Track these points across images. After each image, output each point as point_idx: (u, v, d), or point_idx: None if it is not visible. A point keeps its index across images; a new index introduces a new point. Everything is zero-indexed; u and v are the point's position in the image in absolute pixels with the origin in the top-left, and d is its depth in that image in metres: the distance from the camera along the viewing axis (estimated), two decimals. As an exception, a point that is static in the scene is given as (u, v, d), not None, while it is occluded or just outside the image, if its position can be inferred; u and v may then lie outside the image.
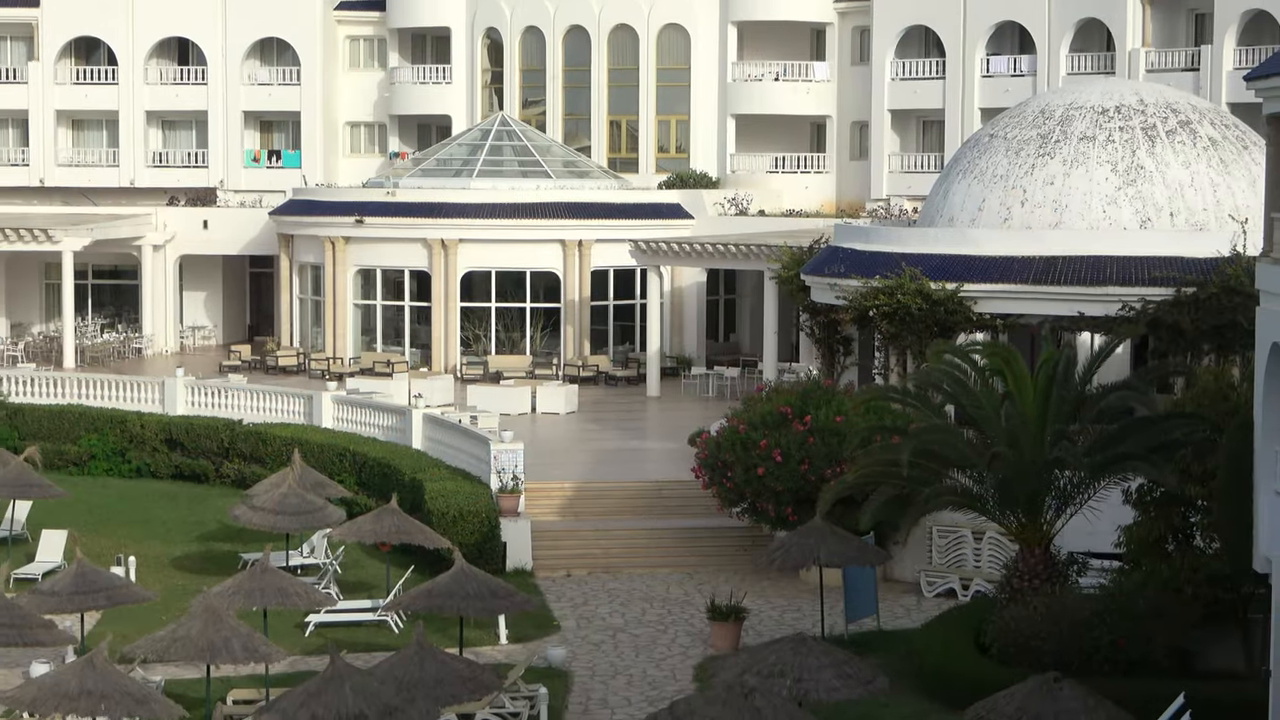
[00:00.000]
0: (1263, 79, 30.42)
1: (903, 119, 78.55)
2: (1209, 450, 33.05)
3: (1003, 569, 37.27)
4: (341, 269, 66.91)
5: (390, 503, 41.39)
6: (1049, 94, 56.85)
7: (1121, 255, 44.46)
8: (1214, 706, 30.12)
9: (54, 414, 56.13)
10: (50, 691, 28.66)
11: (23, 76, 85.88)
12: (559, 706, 33.42)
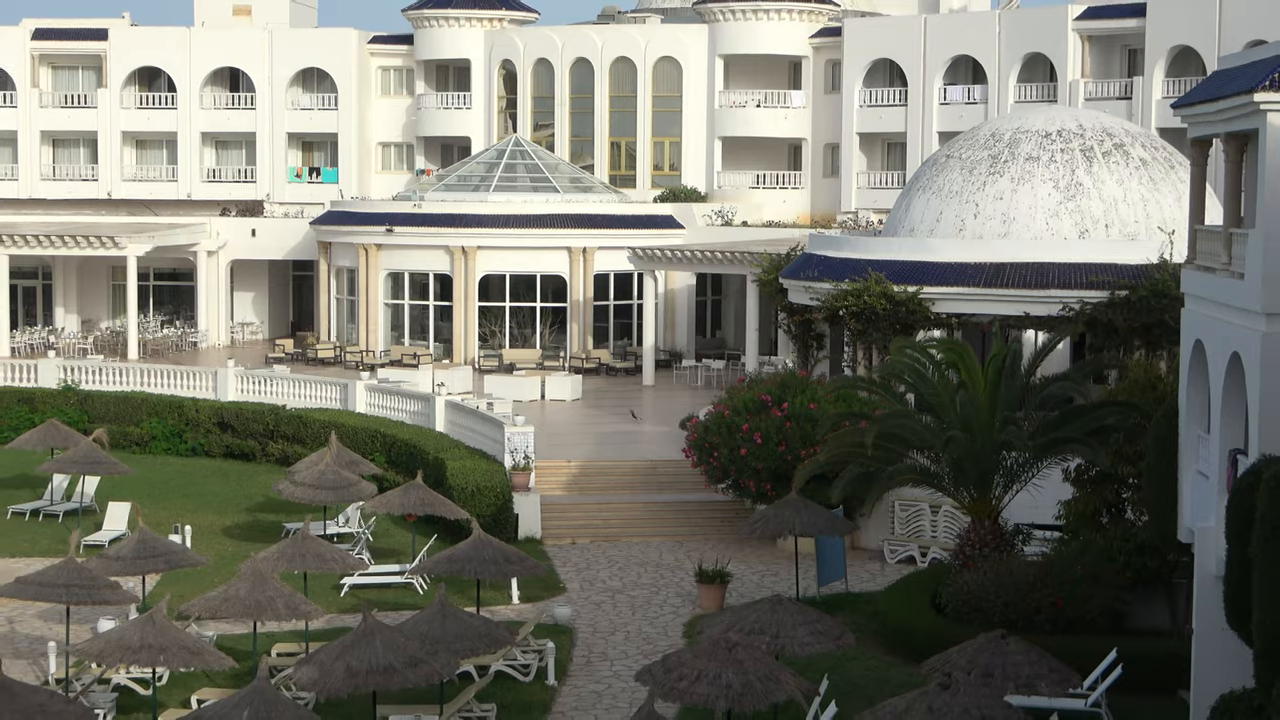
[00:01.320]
0: (1187, 107, 30.39)
1: (869, 141, 78.66)
2: (1139, 434, 33.18)
3: (956, 538, 37.41)
4: (373, 272, 66.90)
5: (416, 479, 41.46)
6: (999, 120, 56.90)
7: (1062, 262, 44.71)
8: (1142, 660, 30.36)
9: (119, 400, 56.15)
10: (115, 645, 28.63)
11: (92, 102, 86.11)
12: (564, 659, 33.48)
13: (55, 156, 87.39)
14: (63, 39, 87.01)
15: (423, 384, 55.40)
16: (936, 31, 76.73)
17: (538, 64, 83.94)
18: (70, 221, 72.39)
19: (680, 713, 27.00)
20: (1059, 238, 46.04)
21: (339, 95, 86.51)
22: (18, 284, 70.85)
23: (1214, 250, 28.41)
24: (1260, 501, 23.21)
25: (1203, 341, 29.00)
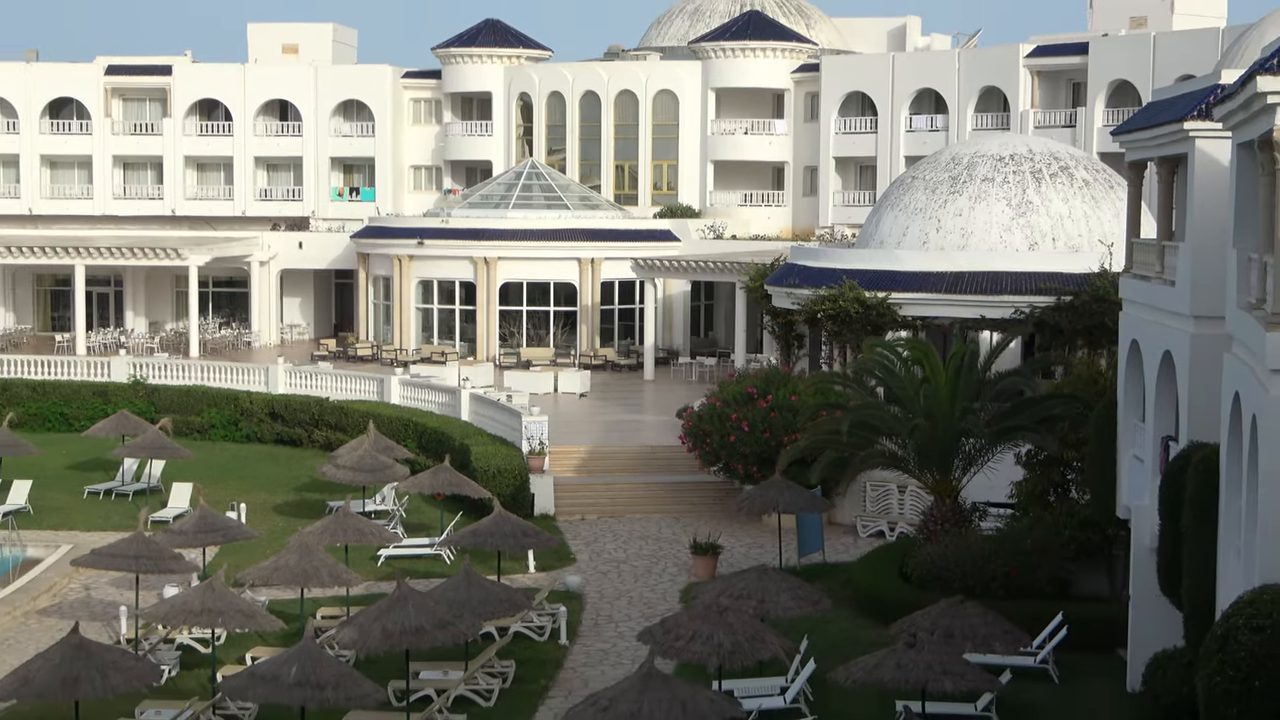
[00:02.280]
0: (1125, 134, 30.49)
1: (844, 164, 78.59)
2: (1081, 423, 33.22)
3: (921, 515, 37.38)
4: (406, 280, 66.90)
5: (444, 462, 41.57)
6: (958, 145, 56.87)
7: (1014, 271, 44.65)
8: (1085, 623, 30.41)
9: (182, 393, 56.16)
10: (179, 609, 28.70)
11: (158, 130, 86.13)
12: (575, 621, 33.54)
13: (125, 178, 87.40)
14: (132, 74, 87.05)
15: (450, 379, 55.37)
16: (903, 68, 76.85)
17: (551, 96, 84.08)
18: (139, 235, 72.40)
19: (678, 668, 26.98)
20: (1011, 250, 45.98)
21: (376, 124, 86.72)
22: (93, 290, 70.91)
23: (1148, 261, 28.45)
24: (1190, 482, 23.26)
25: (1138, 341, 29.06)
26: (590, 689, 27.23)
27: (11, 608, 34.43)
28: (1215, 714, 17.54)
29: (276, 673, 23.45)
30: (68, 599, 34.95)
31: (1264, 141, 19.23)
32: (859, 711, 26.48)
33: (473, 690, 28.51)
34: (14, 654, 29.76)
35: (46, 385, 57.42)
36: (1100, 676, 29.01)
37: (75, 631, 24.84)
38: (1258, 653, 17.10)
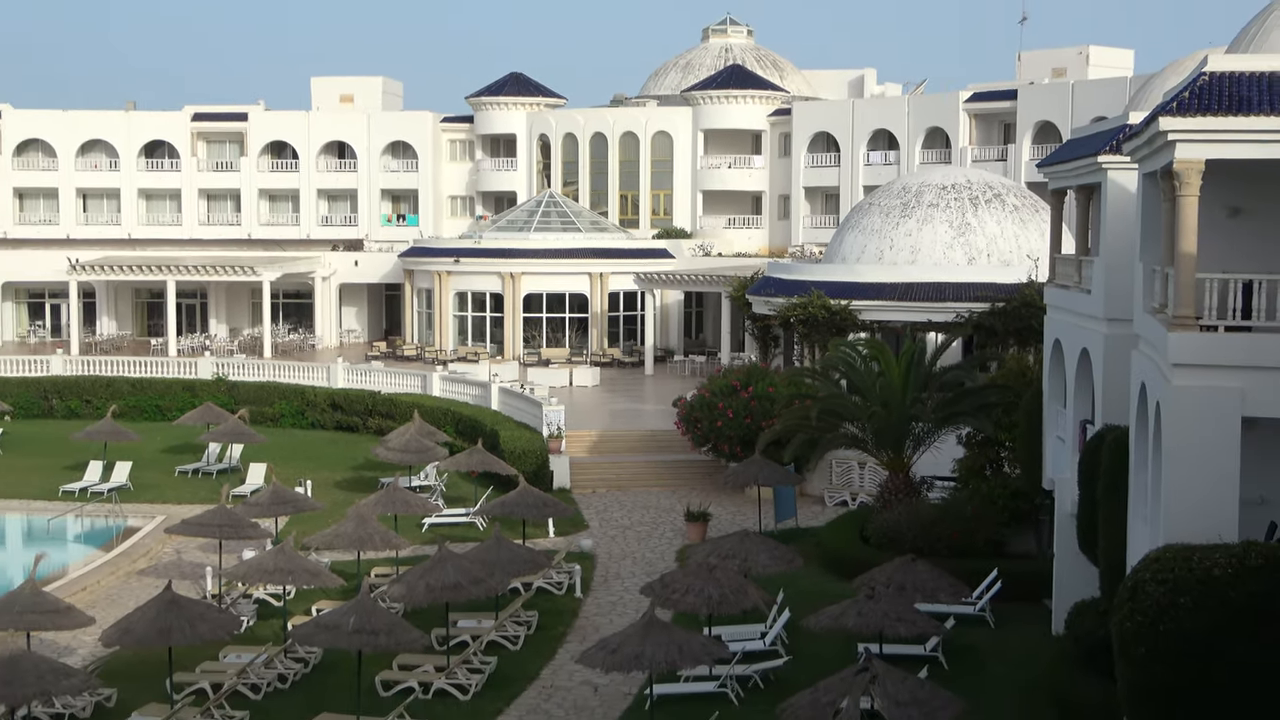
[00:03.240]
0: (1048, 166, 30.53)
1: (812, 193, 78.77)
2: (1012, 409, 33.31)
3: (878, 487, 37.47)
4: (445, 291, 66.90)
5: (477, 445, 41.66)
6: (907, 176, 56.89)
7: (956, 282, 44.86)
8: (1015, 577, 30.50)
9: (257, 387, 56.32)
10: (255, 568, 28.78)
11: (236, 167, 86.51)
12: (588, 578, 33.62)
13: (209, 208, 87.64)
14: (214, 120, 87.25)
15: (481, 375, 55.44)
16: (861, 111, 76.97)
17: (566, 137, 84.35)
18: (220, 256, 72.46)
19: (675, 617, 27.02)
20: (953, 264, 46.09)
21: (419, 161, 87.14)
22: (182, 302, 70.97)
23: (1068, 273, 28.48)
24: (1104, 459, 23.28)
25: (1060, 340, 29.09)
26: (601, 634, 27.26)
27: (115, 569, 34.52)
28: (1126, 653, 17.55)
29: (337, 622, 23.51)
30: (162, 561, 34.99)
31: (1165, 172, 19.23)
32: (826, 653, 26.47)
33: (502, 636, 28.57)
34: (117, 608, 29.83)
35: (144, 382, 57.61)
36: (1029, 622, 29.02)
37: (169, 589, 24.89)
38: (1162, 601, 17.11)
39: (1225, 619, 16.90)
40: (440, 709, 24.85)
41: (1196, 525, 18.11)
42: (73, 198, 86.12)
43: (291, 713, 24.56)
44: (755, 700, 24.93)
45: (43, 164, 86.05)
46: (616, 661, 22.42)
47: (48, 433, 51.97)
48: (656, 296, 64.83)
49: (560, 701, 25.61)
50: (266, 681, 25.97)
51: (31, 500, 42.57)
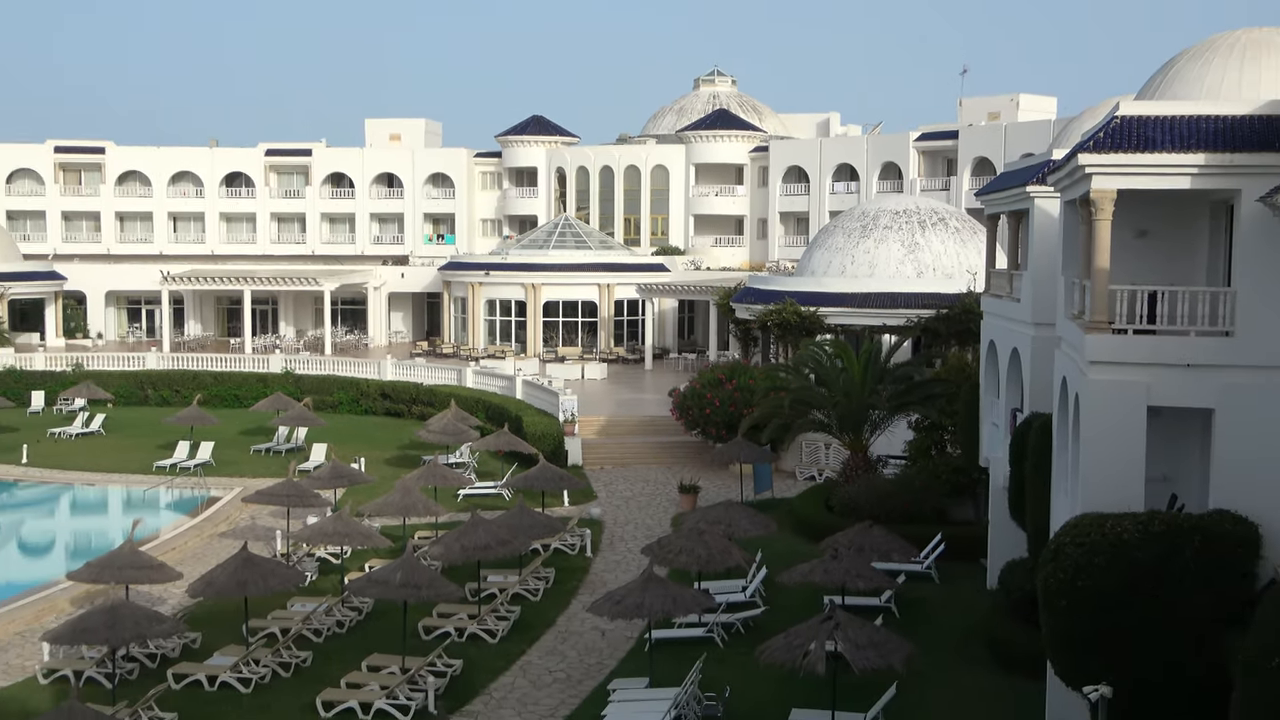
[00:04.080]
0: (984, 195, 30.50)
1: (785, 217, 78.67)
2: (954, 399, 33.25)
3: (841, 464, 37.42)
4: (477, 299, 66.86)
5: (504, 428, 41.70)
6: (866, 203, 56.79)
7: (907, 292, 44.87)
8: (957, 540, 30.54)
9: (320, 380, 56.39)
10: (317, 532, 28.77)
11: (302, 195, 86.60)
12: (597, 540, 33.64)
13: (279, 229, 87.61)
14: (284, 155, 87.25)
15: (507, 369, 55.46)
16: (827, 149, 76.82)
17: (578, 169, 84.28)
18: (288, 269, 72.55)
19: (670, 573, 26.99)
20: (904, 277, 46.05)
21: (455, 189, 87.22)
22: (256, 308, 70.93)
23: (1001, 284, 28.43)
24: (1031, 441, 23.26)
25: (994, 341, 29.06)
26: (608, 588, 27.28)
27: (199, 532, 34.55)
28: (1050, 604, 17.54)
29: (387, 577, 23.49)
30: (239, 525, 35.06)
31: (1083, 200, 19.20)
32: (797, 604, 26.49)
33: (524, 589, 28.58)
34: (202, 564, 29.84)
35: (224, 375, 57.70)
36: (968, 578, 29.06)
37: (244, 549, 24.89)
38: (1079, 561, 17.10)
39: (1133, 577, 16.90)
40: (473, 650, 24.87)
41: (1109, 497, 18.09)
42: (165, 220, 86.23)
43: (347, 653, 24.56)
44: (737, 643, 24.97)
45: (140, 192, 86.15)
46: (621, 610, 22.41)
47: (143, 418, 52.05)
48: (655, 304, 64.80)
49: (574, 644, 25.63)
50: (326, 627, 26.01)
51: (130, 474, 42.64)
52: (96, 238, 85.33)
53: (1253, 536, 17.33)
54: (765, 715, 21.39)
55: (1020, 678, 22.31)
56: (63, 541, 37.27)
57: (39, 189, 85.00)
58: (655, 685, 22.48)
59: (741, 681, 22.65)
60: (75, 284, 71.48)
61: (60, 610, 27.49)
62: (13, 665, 24.46)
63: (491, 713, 21.98)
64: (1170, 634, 16.79)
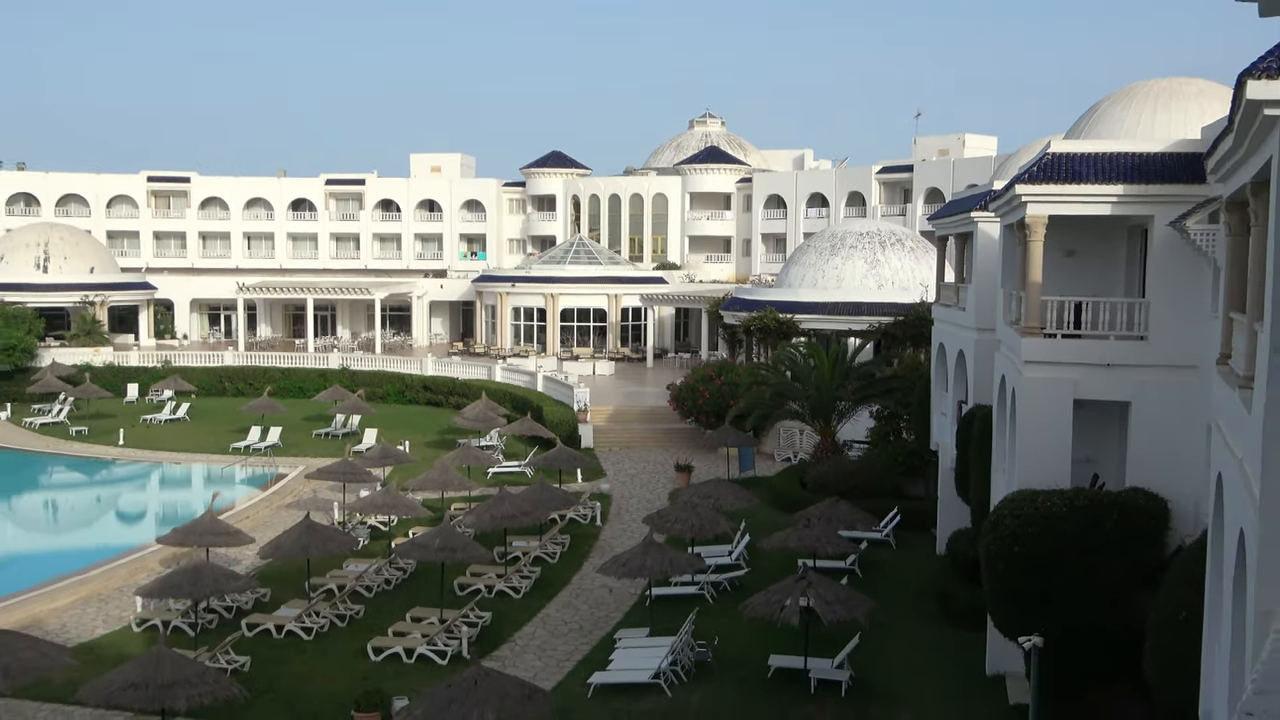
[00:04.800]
0: (935, 219, 30.40)
1: (766, 238, 78.49)
2: (909, 392, 33.15)
3: (813, 448, 37.30)
4: (505, 307, 66.78)
5: (526, 416, 41.52)
6: (835, 226, 56.51)
7: (869, 301, 44.69)
8: (911, 513, 30.56)
9: (371, 374, 56.32)
10: (369, 503, 28.78)
11: (357, 218, 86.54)
12: (605, 511, 33.56)
13: (337, 247, 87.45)
14: (341, 184, 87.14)
15: (530, 366, 55.44)
16: (802, 180, 76.71)
17: (591, 197, 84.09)
18: (345, 281, 72.44)
19: (668, 539, 26.98)
20: (867, 289, 45.92)
21: (487, 214, 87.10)
22: (317, 313, 70.97)
23: (949, 295, 28.36)
24: (974, 428, 23.21)
25: (943, 344, 28.98)
26: (615, 552, 27.25)
27: (269, 503, 34.55)
28: (990, 567, 17.50)
29: (427, 542, 23.48)
30: (302, 498, 35.05)
31: (1019, 224, 19.15)
32: (775, 566, 26.46)
33: (544, 553, 28.55)
34: (270, 531, 29.86)
35: (290, 370, 57.59)
36: (920, 545, 29.02)
37: (307, 518, 24.87)
38: (1015, 530, 17.06)
39: (1061, 544, 16.86)
40: (500, 604, 24.85)
41: (1040, 476, 18.06)
42: (240, 239, 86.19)
43: (394, 606, 24.56)
44: (724, 600, 24.92)
45: (219, 215, 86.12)
46: (625, 571, 22.39)
47: (221, 406, 52.07)
48: (655, 311, 64.73)
49: (586, 599, 25.61)
50: (376, 584, 26.01)
51: (210, 454, 42.66)
52: (182, 254, 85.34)
53: (1163, 511, 17.30)
54: (748, 661, 21.37)
55: (964, 629, 22.29)
56: (153, 511, 37.36)
57: (134, 212, 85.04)
58: (654, 635, 22.48)
59: (728, 632, 22.62)
60: (164, 293, 71.53)
61: (151, 569, 27.51)
62: (111, 616, 24.48)
63: (516, 657, 21.96)
64: (1093, 593, 16.76)
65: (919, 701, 19.61)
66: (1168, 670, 13.89)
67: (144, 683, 15.98)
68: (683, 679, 20.59)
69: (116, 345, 63.50)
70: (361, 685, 19.92)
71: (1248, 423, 10.78)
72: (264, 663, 21.38)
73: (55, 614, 24.49)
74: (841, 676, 20.08)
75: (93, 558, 28.57)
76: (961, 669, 20.91)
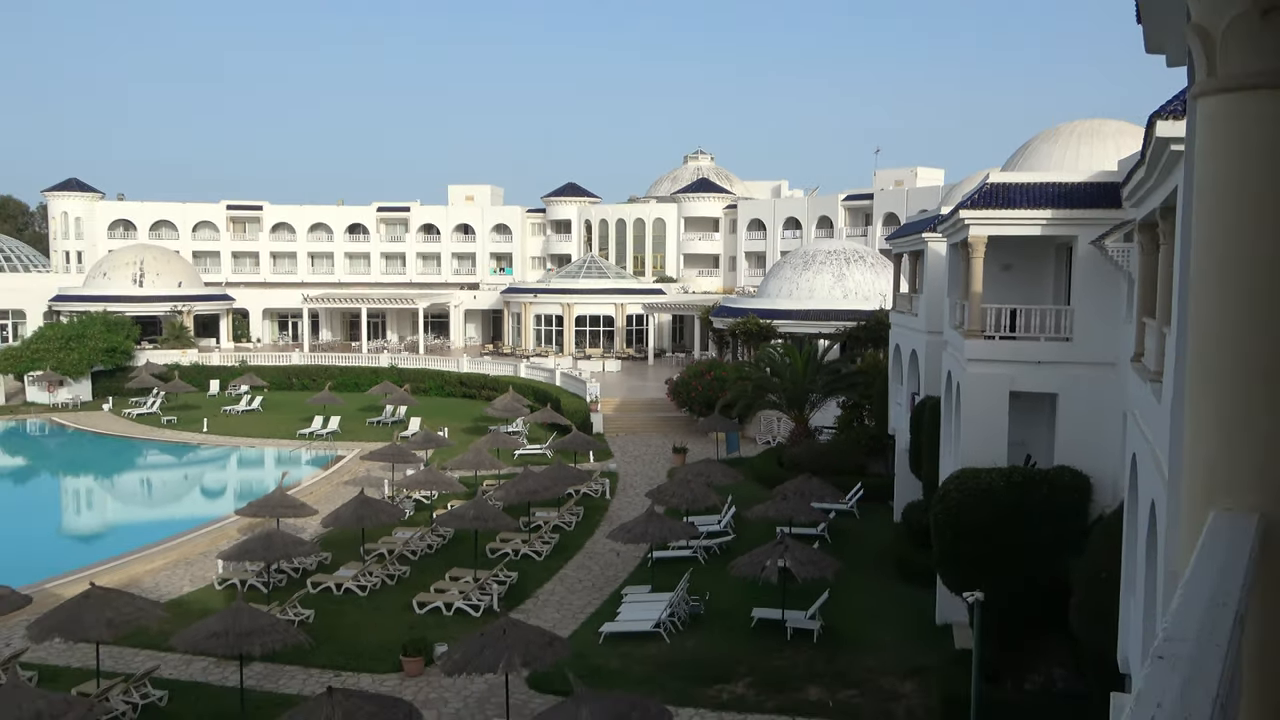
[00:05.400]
0: (892, 240, 30.25)
1: (749, 255, 78.08)
2: (870, 385, 33.02)
3: (789, 433, 37.13)
4: (529, 314, 66.66)
5: (547, 406, 41.39)
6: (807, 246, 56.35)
7: (836, 309, 44.51)
8: (873, 487, 30.31)
9: (415, 371, 56.08)
10: (413, 481, 28.68)
11: (402, 239, 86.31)
12: (613, 487, 33.37)
13: (386, 264, 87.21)
14: (389, 211, 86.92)
15: (550, 364, 55.24)
16: (779, 206, 76.38)
17: (600, 221, 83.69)
18: (393, 292, 72.33)
19: (666, 510, 26.95)
20: (834, 298, 45.77)
21: (513, 235, 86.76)
22: (370, 320, 70.92)
23: (904, 303, 28.26)
24: (924, 416, 23.11)
25: (899, 344, 28.88)
26: (621, 521, 27.17)
27: (329, 481, 34.49)
28: (938, 534, 17.45)
29: (463, 513, 23.45)
30: (357, 476, 35.00)
31: (963, 243, 19.08)
32: (757, 533, 26.39)
33: (562, 522, 28.48)
34: (331, 504, 29.80)
35: (347, 369, 57.45)
36: (880, 515, 28.91)
37: (362, 493, 24.86)
38: (960, 502, 17.00)
39: (998, 514, 16.80)
40: (525, 565, 24.80)
41: (981, 457, 17.99)
42: (305, 258, 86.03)
43: (435, 567, 24.51)
44: (714, 561, 24.85)
45: (287, 238, 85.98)
46: (631, 537, 22.35)
47: (290, 399, 51.99)
48: (655, 317, 64.59)
49: (597, 561, 25.55)
50: (420, 549, 25.96)
51: (280, 439, 42.59)
52: (256, 271, 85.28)
53: (1086, 486, 17.23)
54: (734, 612, 21.32)
55: (917, 586, 22.22)
56: (231, 487, 37.36)
57: (215, 236, 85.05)
58: (655, 591, 22.42)
59: (717, 588, 22.58)
60: (241, 304, 71.42)
61: (230, 536, 27.50)
62: (197, 576, 24.48)
63: (539, 610, 21.92)
64: (1026, 555, 16.70)
65: (879, 647, 19.56)
66: (1091, 621, 13.84)
67: (225, 632, 15.99)
68: (679, 628, 20.54)
69: (200, 348, 63.49)
70: (408, 634, 19.91)
71: (1158, 411, 10.74)
72: (326, 615, 21.37)
73: (150, 574, 24.50)
74: (813, 625, 20.04)
75: (181, 527, 28.58)
76: (915, 619, 20.85)
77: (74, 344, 53.09)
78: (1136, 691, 2.14)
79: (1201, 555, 2.88)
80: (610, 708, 12.54)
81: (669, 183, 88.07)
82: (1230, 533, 3.03)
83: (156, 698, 17.30)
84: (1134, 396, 13.66)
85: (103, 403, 51.27)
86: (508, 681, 16.41)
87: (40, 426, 46.92)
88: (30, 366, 52.05)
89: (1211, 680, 2.12)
